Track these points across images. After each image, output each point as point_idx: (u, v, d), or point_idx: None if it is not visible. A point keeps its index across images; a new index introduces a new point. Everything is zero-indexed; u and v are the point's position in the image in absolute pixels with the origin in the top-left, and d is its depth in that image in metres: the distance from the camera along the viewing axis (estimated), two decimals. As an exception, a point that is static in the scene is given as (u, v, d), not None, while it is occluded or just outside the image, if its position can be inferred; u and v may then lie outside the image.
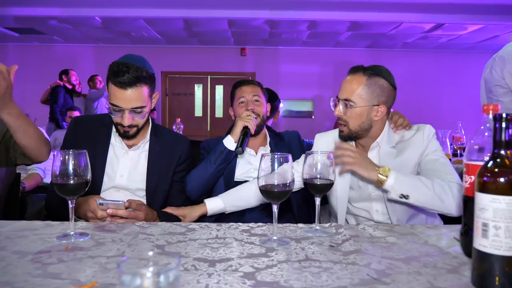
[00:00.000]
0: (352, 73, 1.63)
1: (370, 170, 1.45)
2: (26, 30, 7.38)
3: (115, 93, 1.58)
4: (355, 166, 1.47)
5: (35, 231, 1.24)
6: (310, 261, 0.99)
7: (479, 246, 0.82)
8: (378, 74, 1.59)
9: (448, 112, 8.39)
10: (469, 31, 7.08)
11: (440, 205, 1.42)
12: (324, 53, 8.72)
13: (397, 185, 1.42)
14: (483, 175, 0.82)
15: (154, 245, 1.11)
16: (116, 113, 1.62)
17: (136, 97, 1.59)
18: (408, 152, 1.62)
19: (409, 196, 1.42)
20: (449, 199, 1.41)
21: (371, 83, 1.58)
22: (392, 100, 1.65)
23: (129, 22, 6.85)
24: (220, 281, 0.86)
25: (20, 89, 8.00)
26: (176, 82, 8.91)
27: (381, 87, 1.59)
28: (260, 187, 1.15)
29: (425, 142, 1.61)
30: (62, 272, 0.90)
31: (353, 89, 1.58)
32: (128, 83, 1.56)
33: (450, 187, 1.44)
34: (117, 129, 1.69)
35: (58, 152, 1.18)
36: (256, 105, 2.03)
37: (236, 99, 2.07)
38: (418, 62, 8.66)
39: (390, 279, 0.88)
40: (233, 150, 1.87)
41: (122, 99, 1.58)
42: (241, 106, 2.04)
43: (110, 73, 1.59)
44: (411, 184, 1.43)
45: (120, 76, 1.55)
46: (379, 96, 1.59)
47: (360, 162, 1.47)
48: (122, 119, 1.62)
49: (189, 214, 1.68)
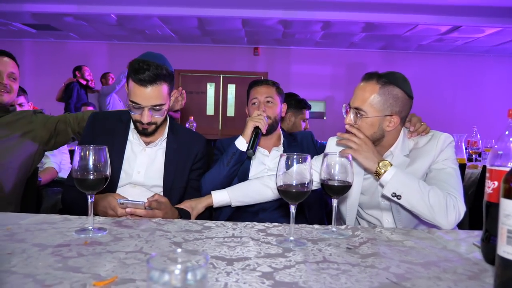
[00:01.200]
0: (366, 80, 1.56)
1: (371, 160, 1.45)
2: (43, 26, 7.47)
3: (135, 90, 1.60)
4: (357, 153, 1.46)
5: (53, 224, 1.25)
6: (328, 262, 0.98)
7: (503, 253, 0.81)
8: (393, 82, 1.52)
9: (463, 116, 8.29)
10: (486, 34, 6.97)
11: (430, 215, 1.38)
12: (337, 54, 8.67)
13: (392, 182, 1.41)
14: (509, 181, 0.80)
15: (172, 242, 1.12)
16: (135, 110, 1.64)
17: (155, 95, 1.60)
18: (420, 161, 1.56)
19: (401, 197, 1.40)
20: (441, 211, 1.37)
21: (384, 92, 1.51)
22: (407, 110, 1.58)
23: (143, 20, 6.89)
24: (239, 280, 0.86)
25: (35, 84, 8.11)
26: (189, 80, 8.94)
27: (395, 97, 1.52)
28: (278, 187, 1.15)
29: (438, 150, 1.54)
30: (83, 266, 0.91)
31: (365, 97, 1.52)
32: (148, 81, 1.58)
33: (447, 199, 1.39)
34: (136, 126, 1.71)
35: (78, 147, 1.20)
36: (268, 107, 2.02)
37: (250, 99, 2.08)
38: (433, 65, 8.56)
39: (410, 283, 0.87)
40: (245, 152, 1.87)
41: (142, 96, 1.60)
42: (253, 107, 2.04)
43: (130, 70, 1.61)
44: (407, 185, 1.40)
45: (141, 73, 1.57)
46: (392, 106, 1.52)
47: (363, 150, 1.46)
48: (141, 117, 1.64)
49: (195, 206, 1.69)
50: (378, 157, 1.46)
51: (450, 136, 1.59)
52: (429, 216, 1.39)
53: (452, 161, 1.54)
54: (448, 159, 1.54)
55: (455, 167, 1.54)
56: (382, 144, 1.59)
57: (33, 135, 2.00)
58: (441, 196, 1.39)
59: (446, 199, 1.39)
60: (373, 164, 1.45)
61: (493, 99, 8.37)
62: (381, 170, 1.43)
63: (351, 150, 1.48)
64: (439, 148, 1.54)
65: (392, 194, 1.42)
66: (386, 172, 1.42)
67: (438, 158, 1.54)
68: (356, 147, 1.47)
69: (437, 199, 1.38)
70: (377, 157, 1.46)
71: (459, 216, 1.39)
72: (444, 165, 1.53)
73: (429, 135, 1.62)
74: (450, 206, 1.38)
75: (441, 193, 1.40)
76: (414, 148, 1.61)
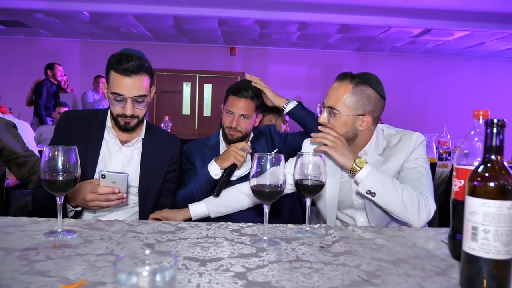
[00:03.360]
0: (340, 80, 1.59)
1: (346, 157, 1.46)
2: (12, 22, 7.22)
3: (118, 81, 1.59)
4: (332, 150, 1.47)
5: (21, 227, 1.21)
6: (301, 261, 0.99)
7: (468, 249, 0.83)
8: (366, 82, 1.55)
9: (434, 116, 8.53)
10: (456, 37, 7.20)
11: (403, 213, 1.41)
12: (313, 55, 8.76)
13: (367, 179, 1.42)
14: (474, 180, 0.83)
15: (144, 243, 1.10)
16: (118, 103, 1.62)
17: (138, 85, 1.61)
18: (393, 160, 1.58)
19: (376, 194, 1.42)
20: (413, 209, 1.40)
21: (357, 92, 1.54)
22: (380, 110, 1.60)
23: (118, 18, 6.77)
24: (212, 280, 0.85)
25: (5, 83, 7.84)
26: (165, 79, 8.84)
27: (368, 97, 1.55)
28: (252, 187, 1.15)
29: (410, 149, 1.56)
30: (51, 269, 0.89)
31: (338, 96, 1.55)
32: (131, 70, 1.58)
33: (419, 198, 1.42)
34: (117, 121, 1.67)
35: (46, 148, 1.16)
36: (242, 122, 1.98)
37: (227, 105, 2.02)
38: (406, 67, 8.77)
39: (380, 280, 0.89)
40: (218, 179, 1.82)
41: (125, 86, 1.59)
42: (227, 116, 2.00)
43: (112, 62, 1.61)
44: (382, 183, 1.42)
45: (124, 63, 1.57)
46: (365, 106, 1.54)
47: (338, 147, 1.47)
48: (123, 109, 1.62)
49: (172, 218, 1.67)
50: (353, 155, 1.48)
51: (421, 135, 1.61)
52: (402, 214, 1.41)
53: (423, 160, 1.57)
54: (420, 158, 1.57)
55: (426, 166, 1.57)
56: (355, 143, 1.61)
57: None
58: (414, 195, 1.42)
59: (418, 198, 1.42)
60: (349, 161, 1.46)
61: (462, 100, 8.65)
62: (356, 167, 1.44)
63: (327, 147, 1.48)
64: (411, 147, 1.56)
65: (367, 191, 1.43)
66: (361, 169, 1.44)
67: (410, 157, 1.57)
68: (331, 144, 1.48)
69: (410, 197, 1.41)
70: (352, 155, 1.47)
71: (429, 215, 1.43)
72: (416, 164, 1.55)
73: (400, 133, 1.64)
74: (422, 205, 1.41)
75: (414, 192, 1.43)
76: (387, 147, 1.63)
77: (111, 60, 1.62)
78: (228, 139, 2.01)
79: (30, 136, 3.15)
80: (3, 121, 2.00)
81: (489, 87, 8.78)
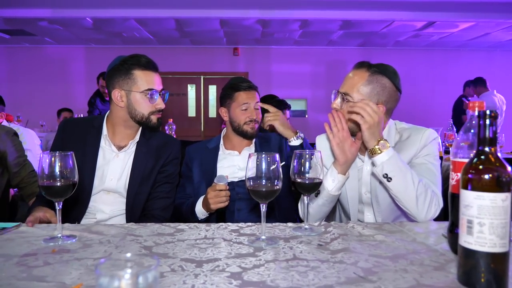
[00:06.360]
0: (356, 68, 1.59)
1: (373, 137, 1.42)
2: (16, 31, 7.29)
3: (149, 77, 1.67)
4: (366, 125, 1.41)
5: (22, 233, 1.23)
6: (298, 260, 0.99)
7: (464, 243, 0.82)
8: (382, 72, 1.54)
9: (440, 109, 8.43)
10: (460, 29, 7.11)
11: (413, 205, 1.40)
12: (317, 52, 8.72)
13: (388, 163, 1.40)
14: (468, 172, 0.82)
15: (142, 246, 1.10)
16: (152, 99, 1.68)
17: (160, 81, 1.73)
18: (402, 154, 1.55)
19: (392, 179, 1.40)
20: (424, 205, 1.39)
21: (372, 80, 1.53)
22: (394, 102, 1.59)
23: (120, 23, 6.80)
24: (207, 281, 0.85)
25: (12, 91, 7.93)
26: (169, 82, 8.86)
27: (383, 86, 1.53)
28: (248, 186, 1.15)
29: (421, 145, 1.54)
30: (48, 275, 0.89)
31: (354, 83, 1.54)
32: (154, 67, 1.70)
33: (431, 195, 1.41)
34: (149, 120, 1.70)
35: (44, 154, 1.17)
36: (258, 113, 2.06)
37: (238, 103, 2.02)
38: (410, 60, 8.69)
39: (376, 277, 0.88)
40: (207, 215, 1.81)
41: (156, 81, 1.70)
42: (243, 112, 2.01)
43: (133, 63, 1.66)
44: (401, 170, 1.40)
45: (145, 60, 1.66)
46: (379, 95, 1.53)
47: (373, 123, 1.41)
48: (157, 104, 1.69)
49: None
50: (380, 135, 1.44)
51: (435, 132, 1.58)
52: (411, 206, 1.40)
53: (433, 158, 1.55)
54: (430, 155, 1.55)
55: (436, 163, 1.55)
56: None
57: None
58: (428, 190, 1.41)
59: (431, 195, 1.41)
60: (374, 141, 1.42)
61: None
62: (377, 149, 1.42)
63: (360, 118, 1.43)
64: (423, 143, 1.55)
65: (384, 174, 1.41)
66: (384, 152, 1.41)
67: (420, 152, 1.55)
68: (368, 118, 1.42)
69: (424, 192, 1.40)
70: (380, 134, 1.44)
71: (436, 213, 1.43)
72: (425, 160, 1.54)
73: (411, 129, 1.62)
74: (432, 202, 1.41)
75: (428, 188, 1.42)
76: (399, 141, 1.62)
77: (130, 60, 1.66)
78: (248, 135, 2.02)
79: (36, 143, 3.19)
80: (4, 129, 2.01)
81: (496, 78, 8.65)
